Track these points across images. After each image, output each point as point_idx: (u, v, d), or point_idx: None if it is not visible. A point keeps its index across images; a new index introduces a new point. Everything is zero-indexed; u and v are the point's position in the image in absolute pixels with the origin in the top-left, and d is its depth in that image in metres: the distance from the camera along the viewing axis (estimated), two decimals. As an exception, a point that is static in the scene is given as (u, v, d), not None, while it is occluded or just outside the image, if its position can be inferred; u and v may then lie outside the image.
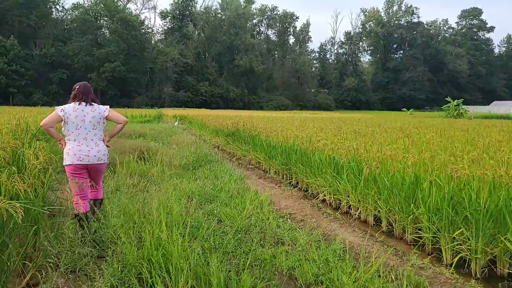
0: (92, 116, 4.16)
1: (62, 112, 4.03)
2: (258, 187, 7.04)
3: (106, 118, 4.31)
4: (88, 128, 4.12)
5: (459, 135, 9.65)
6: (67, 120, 4.03)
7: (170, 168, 7.77)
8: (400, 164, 5.06)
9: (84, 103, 4.15)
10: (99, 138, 4.26)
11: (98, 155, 4.15)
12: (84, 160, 4.04)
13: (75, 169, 4.05)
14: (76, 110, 4.08)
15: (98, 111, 4.22)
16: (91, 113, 4.16)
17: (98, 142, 4.21)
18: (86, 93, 4.19)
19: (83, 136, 4.09)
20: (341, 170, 5.84)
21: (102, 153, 4.21)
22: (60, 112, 4.02)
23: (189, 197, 5.73)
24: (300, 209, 5.53)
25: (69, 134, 4.07)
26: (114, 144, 9.53)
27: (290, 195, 6.47)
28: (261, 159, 9.41)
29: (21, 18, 58.34)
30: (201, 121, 19.40)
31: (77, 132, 4.07)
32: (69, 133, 4.06)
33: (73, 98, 4.18)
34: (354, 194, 5.41)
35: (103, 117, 4.27)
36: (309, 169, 6.87)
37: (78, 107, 4.11)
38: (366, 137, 8.55)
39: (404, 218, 4.49)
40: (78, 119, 4.07)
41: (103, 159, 4.23)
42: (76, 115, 4.07)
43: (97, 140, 4.21)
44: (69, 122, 4.04)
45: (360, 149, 5.79)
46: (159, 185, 6.49)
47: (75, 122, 4.05)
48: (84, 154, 4.05)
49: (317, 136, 8.60)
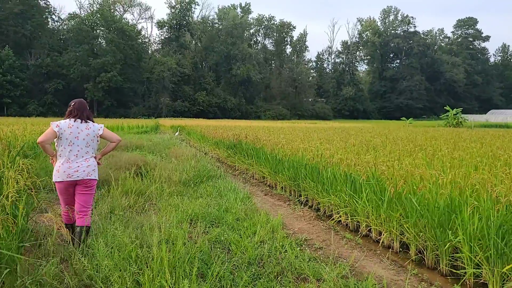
0: (86, 133, 4.14)
1: (57, 127, 4.00)
2: (265, 205, 6.49)
3: (100, 136, 4.26)
4: (81, 145, 4.10)
5: (474, 146, 9.17)
6: (61, 136, 4.01)
7: (169, 185, 7.21)
8: (429, 183, 4.54)
9: (79, 120, 4.14)
10: (91, 156, 4.21)
11: (87, 170, 4.11)
12: (73, 176, 4.01)
13: (65, 186, 4.03)
14: (71, 127, 4.07)
15: (93, 129, 4.20)
16: (86, 130, 4.14)
17: (88, 158, 4.17)
18: (81, 110, 4.19)
19: (74, 153, 4.06)
20: (359, 188, 5.31)
21: (91, 168, 4.15)
22: (55, 128, 3.99)
23: (192, 220, 5.16)
24: (316, 233, 4.96)
25: (61, 150, 4.04)
26: (109, 159, 8.97)
27: (302, 216, 5.91)
28: (266, 174, 8.86)
29: (16, 28, 57.87)
30: (200, 132, 18.86)
31: (69, 149, 4.04)
32: (62, 149, 4.04)
33: (68, 114, 4.17)
34: (375, 215, 4.87)
35: (97, 135, 4.23)
36: (320, 185, 6.33)
37: (74, 124, 4.10)
38: (378, 150, 8.04)
39: (439, 247, 3.95)
40: (72, 135, 4.05)
41: (93, 174, 4.18)
42: (71, 131, 4.05)
43: (88, 157, 4.17)
44: (63, 138, 4.02)
45: (380, 165, 5.24)
46: (158, 205, 5.92)
47: (68, 138, 4.03)
48: (74, 171, 4.01)
49: (325, 148, 8.08)
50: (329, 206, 6.10)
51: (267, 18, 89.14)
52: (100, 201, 5.82)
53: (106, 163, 8.74)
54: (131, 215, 5.20)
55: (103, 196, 6.20)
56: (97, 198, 6.07)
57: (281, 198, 7.22)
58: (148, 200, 6.26)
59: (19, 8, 57.50)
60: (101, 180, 7.03)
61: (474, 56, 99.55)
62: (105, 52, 61.17)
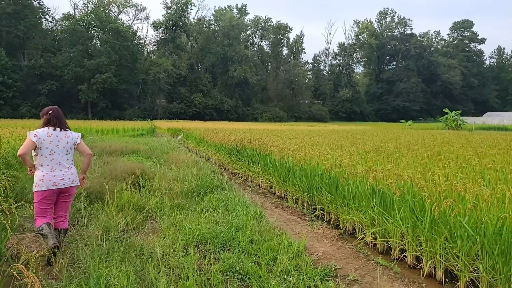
0: (66, 142, 4.16)
1: (36, 137, 3.94)
2: (278, 220, 5.81)
3: (77, 145, 4.28)
4: (61, 154, 4.10)
5: (495, 153, 8.56)
6: (40, 146, 3.95)
7: (170, 197, 6.53)
8: (476, 200, 3.89)
9: (58, 128, 4.12)
10: (71, 163, 4.24)
11: (71, 177, 4.17)
12: (59, 184, 4.03)
13: (50, 195, 4.00)
14: (50, 136, 4.03)
15: (72, 137, 4.24)
16: (65, 139, 4.15)
17: (71, 166, 4.21)
18: (59, 118, 4.18)
19: (57, 161, 4.06)
20: (390, 205, 4.65)
21: (74, 176, 4.23)
22: (34, 138, 3.92)
23: (199, 242, 4.48)
24: (344, 258, 4.29)
25: (42, 160, 3.99)
26: (103, 167, 8.26)
27: (322, 234, 5.23)
28: (274, 183, 8.19)
29: (9, 29, 56.75)
30: (198, 135, 18.15)
31: (51, 157, 4.02)
32: (42, 158, 3.99)
33: (46, 123, 4.11)
34: (412, 237, 4.22)
35: (75, 144, 4.27)
36: (340, 199, 5.67)
37: (53, 133, 4.07)
38: (397, 157, 7.39)
39: (499, 280, 3.30)
40: (53, 144, 4.03)
41: (76, 181, 4.26)
42: (51, 140, 4.02)
43: (69, 164, 4.20)
44: (43, 147, 3.97)
45: (416, 179, 4.57)
46: (159, 223, 5.23)
47: (49, 147, 4.00)
48: (59, 179, 4.04)
49: (338, 156, 7.43)
50: (351, 222, 5.45)
51: (264, 19, 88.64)
52: (93, 219, 5.11)
53: (100, 172, 8.03)
54: (129, 237, 4.50)
55: (96, 212, 5.49)
56: (90, 215, 5.37)
57: (295, 212, 6.54)
58: (148, 217, 5.57)
59: (12, 8, 56.39)
60: (94, 192, 6.33)
61: (470, 59, 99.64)
62: (99, 53, 60.14)
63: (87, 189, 6.27)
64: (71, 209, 5.70)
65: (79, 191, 6.03)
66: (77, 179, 4.27)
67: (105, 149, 13.12)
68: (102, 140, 19.15)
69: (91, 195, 6.29)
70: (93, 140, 19.04)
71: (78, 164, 5.82)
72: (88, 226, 4.87)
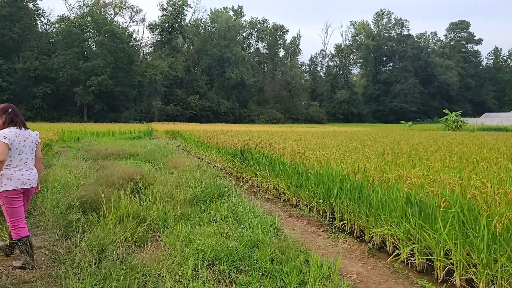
0: (31, 141, 4.09)
1: (7, 139, 3.81)
2: (294, 232, 5.16)
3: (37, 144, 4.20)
4: (28, 153, 4.04)
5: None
6: (11, 147, 3.86)
7: (173, 206, 5.87)
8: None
9: (23, 128, 4.04)
10: (33, 163, 4.15)
11: (35, 178, 4.11)
12: (26, 184, 3.96)
13: (16, 193, 3.87)
14: (18, 136, 3.95)
15: (33, 135, 4.17)
16: (30, 137, 4.09)
17: (32, 166, 4.13)
18: (19, 116, 4.06)
19: (24, 161, 3.99)
20: (431, 216, 4.03)
21: (37, 176, 4.16)
22: (5, 140, 3.79)
23: (211, 262, 3.83)
24: (383, 281, 3.65)
25: (11, 161, 3.88)
26: (99, 172, 7.58)
27: (349, 250, 4.59)
28: (283, 188, 7.55)
29: (3, 31, 55.77)
30: (198, 137, 17.48)
31: (20, 157, 3.95)
32: (11, 158, 3.88)
33: (10, 122, 3.97)
34: (462, 255, 3.60)
35: (36, 142, 4.20)
36: (365, 208, 5.04)
37: (19, 132, 3.98)
38: (420, 161, 6.79)
39: None
40: (21, 144, 3.97)
41: (36, 182, 4.16)
42: (19, 140, 3.95)
43: (32, 164, 4.12)
44: (13, 148, 3.89)
45: (467, 187, 3.94)
46: (162, 237, 4.57)
47: (18, 148, 3.93)
48: (26, 178, 3.97)
49: (354, 159, 6.81)
50: (380, 235, 4.82)
51: (260, 21, 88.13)
52: (87, 232, 4.44)
53: (96, 178, 7.36)
54: (129, 255, 3.84)
55: (91, 225, 4.83)
56: (84, 228, 4.70)
57: (312, 222, 5.89)
58: (150, 229, 4.91)
59: (7, 10, 55.43)
60: (89, 202, 5.67)
61: (467, 59, 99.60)
62: (95, 55, 59.25)
63: (81, 198, 5.61)
64: (63, 222, 5.05)
65: (72, 201, 5.36)
66: (37, 181, 4.16)
67: (101, 152, 12.46)
68: (98, 143, 18.45)
69: (85, 205, 5.63)
70: (89, 143, 18.34)
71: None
72: (81, 243, 4.21)
